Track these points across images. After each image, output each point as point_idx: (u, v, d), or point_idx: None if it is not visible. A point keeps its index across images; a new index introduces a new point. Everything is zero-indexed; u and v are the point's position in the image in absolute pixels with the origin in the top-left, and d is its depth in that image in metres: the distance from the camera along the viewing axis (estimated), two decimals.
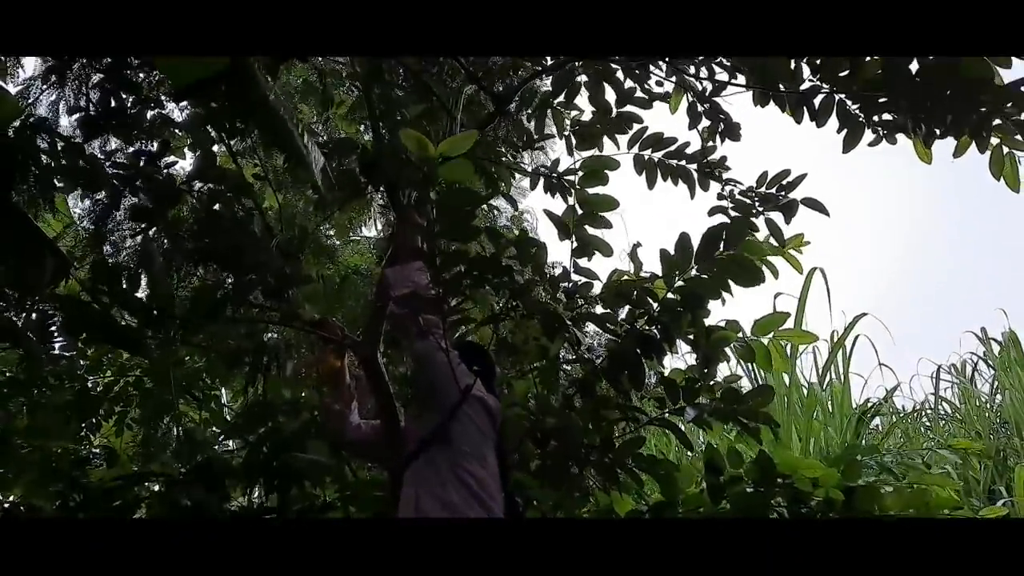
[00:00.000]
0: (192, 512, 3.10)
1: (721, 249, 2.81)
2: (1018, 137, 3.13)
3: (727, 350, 3.04)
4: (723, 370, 3.18)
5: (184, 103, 3.43)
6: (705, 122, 3.72)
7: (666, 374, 3.19)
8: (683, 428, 3.27)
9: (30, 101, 3.36)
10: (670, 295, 2.87)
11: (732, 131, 3.67)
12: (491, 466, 2.57)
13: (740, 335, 3.08)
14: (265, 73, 2.91)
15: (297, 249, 3.21)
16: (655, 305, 2.87)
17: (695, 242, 2.83)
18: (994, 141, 3.15)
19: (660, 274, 2.89)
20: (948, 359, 8.39)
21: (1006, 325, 7.92)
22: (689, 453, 4.94)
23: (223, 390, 5.48)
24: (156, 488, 4.09)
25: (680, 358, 3.32)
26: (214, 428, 5.15)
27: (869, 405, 7.58)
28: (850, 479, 2.98)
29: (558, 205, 3.75)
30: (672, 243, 2.86)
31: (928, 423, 7.94)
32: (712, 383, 3.09)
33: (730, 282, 2.88)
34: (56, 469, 4.21)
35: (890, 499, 2.92)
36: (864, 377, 8.21)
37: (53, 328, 3.32)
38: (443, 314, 2.63)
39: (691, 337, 2.93)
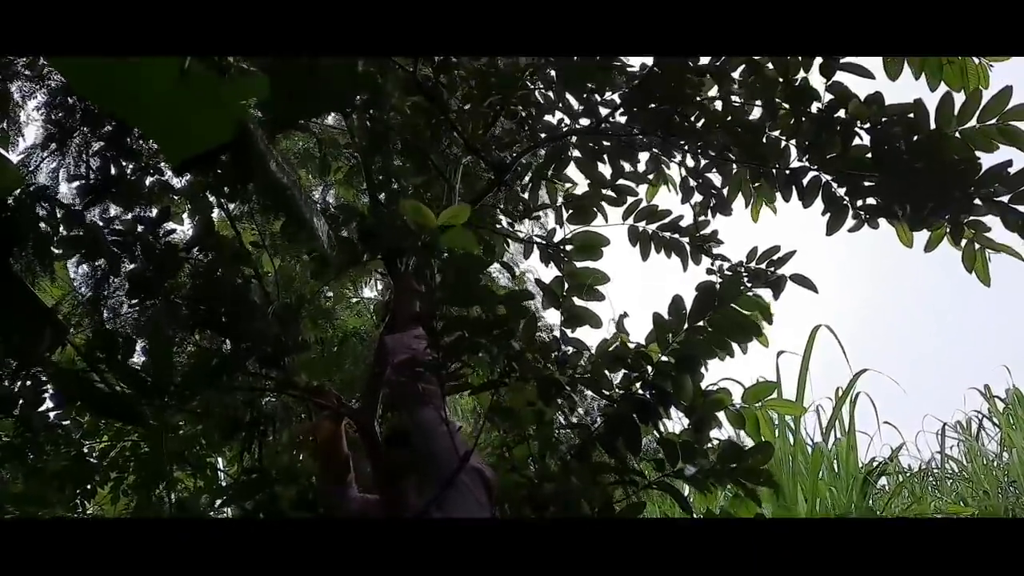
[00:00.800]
0: None
1: (715, 307, 2.81)
2: (989, 235, 3.24)
3: (720, 415, 3.00)
4: (715, 435, 3.14)
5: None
6: (697, 196, 3.76)
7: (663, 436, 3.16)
8: (682, 492, 3.21)
9: (31, 169, 3.40)
10: (664, 358, 2.85)
11: (723, 206, 3.72)
12: None
13: (733, 401, 3.05)
14: (265, 139, 2.94)
15: (294, 315, 3.21)
16: (650, 369, 2.84)
17: (688, 305, 2.83)
18: (968, 234, 3.26)
19: (653, 339, 2.88)
20: (953, 416, 8.31)
21: (1010, 382, 7.87)
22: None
23: (219, 457, 5.40)
24: None
25: (676, 422, 3.29)
26: (207, 496, 5.06)
27: (875, 465, 7.47)
28: None
29: (551, 274, 3.77)
30: (665, 311, 2.86)
31: (935, 482, 7.82)
32: (708, 446, 3.05)
33: (728, 340, 2.88)
34: None
35: None
36: (869, 435, 8.11)
37: (45, 396, 3.30)
38: (442, 381, 2.61)
39: (683, 402, 2.90)
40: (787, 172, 3.32)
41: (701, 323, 2.79)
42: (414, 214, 2.19)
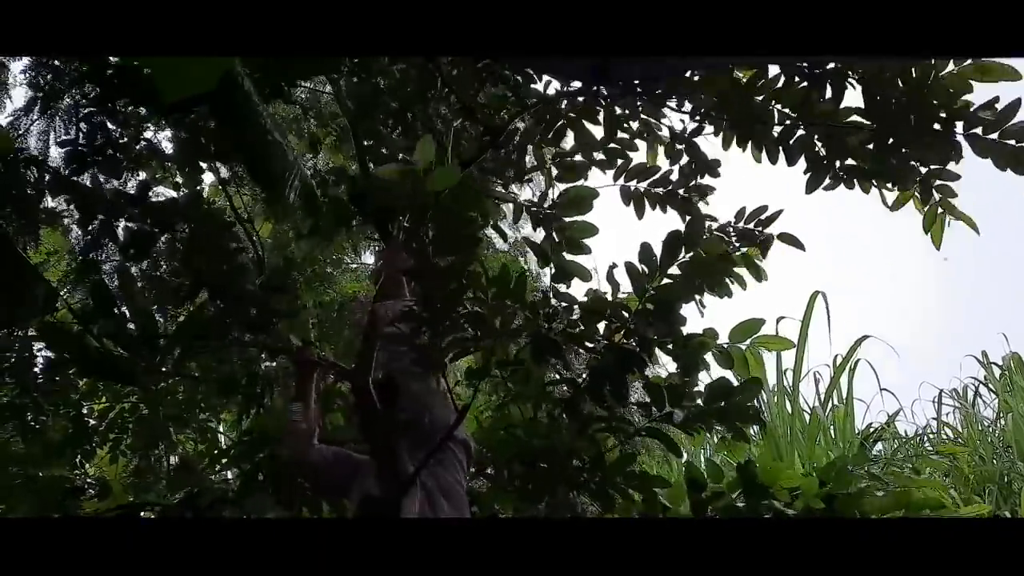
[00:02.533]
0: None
1: (683, 253, 2.81)
2: (953, 201, 3.35)
3: (707, 358, 3.00)
4: (703, 379, 3.14)
5: (170, 132, 3.45)
6: (684, 159, 3.75)
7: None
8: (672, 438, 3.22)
9: (20, 133, 3.39)
10: (643, 306, 2.85)
11: (711, 168, 3.71)
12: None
13: (718, 342, 3.04)
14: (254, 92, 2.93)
15: (284, 280, 3.22)
16: (629, 318, 2.84)
17: (657, 252, 2.82)
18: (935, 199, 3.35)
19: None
20: (950, 383, 8.32)
21: (1007, 349, 7.87)
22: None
23: (218, 420, 5.47)
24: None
25: (663, 368, 3.29)
26: (207, 459, 5.13)
27: (871, 430, 7.50)
28: (841, 488, 2.94)
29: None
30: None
31: (931, 447, 7.85)
32: (696, 388, 3.06)
33: (701, 285, 2.89)
34: (49, 499, 4.19)
35: (872, 503, 2.88)
36: (866, 402, 8.15)
37: (39, 358, 3.33)
38: (434, 344, 2.64)
39: (669, 347, 2.90)
40: (775, 133, 3.30)
41: (674, 270, 2.78)
42: (397, 177, 2.20)
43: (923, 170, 3.28)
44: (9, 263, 3.04)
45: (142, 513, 4.19)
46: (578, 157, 3.71)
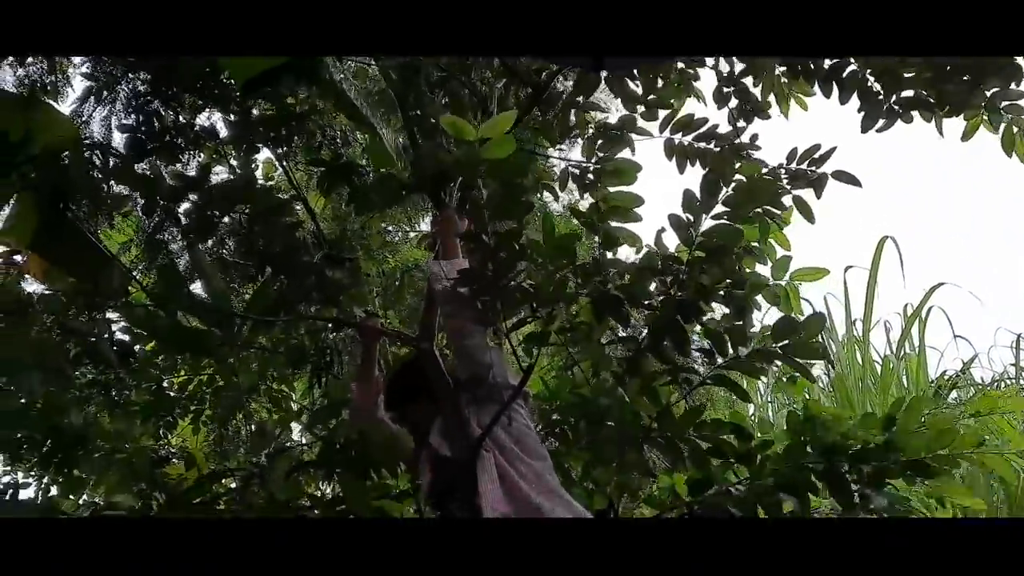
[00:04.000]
0: (268, 508, 3.19)
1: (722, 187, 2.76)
2: None
3: (759, 298, 2.96)
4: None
5: (226, 115, 3.53)
6: (733, 102, 3.65)
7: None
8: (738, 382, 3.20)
9: (82, 120, 3.52)
10: (693, 255, 2.82)
11: (760, 110, 3.61)
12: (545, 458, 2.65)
13: (768, 281, 3.00)
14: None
15: (343, 252, 3.29)
16: (683, 268, 2.82)
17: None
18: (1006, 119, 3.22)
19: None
20: None
21: None
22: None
23: (290, 390, 5.65)
24: (233, 485, 4.24)
25: (716, 313, 3.23)
26: (284, 426, 5.32)
27: (946, 378, 7.30)
28: (911, 423, 2.90)
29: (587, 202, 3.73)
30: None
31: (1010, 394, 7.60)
32: (753, 331, 3.03)
33: (750, 217, 2.84)
34: (136, 469, 4.39)
35: (936, 439, 2.83)
36: (940, 350, 7.91)
37: (116, 336, 3.48)
38: (492, 308, 2.67)
39: (722, 293, 2.86)
40: (826, 67, 3.20)
41: (718, 210, 2.75)
42: (453, 128, 2.22)
43: (988, 93, 3.16)
44: (84, 250, 3.19)
45: (223, 479, 4.35)
46: (620, 113, 3.64)
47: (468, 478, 2.54)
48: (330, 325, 4.36)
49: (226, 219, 3.13)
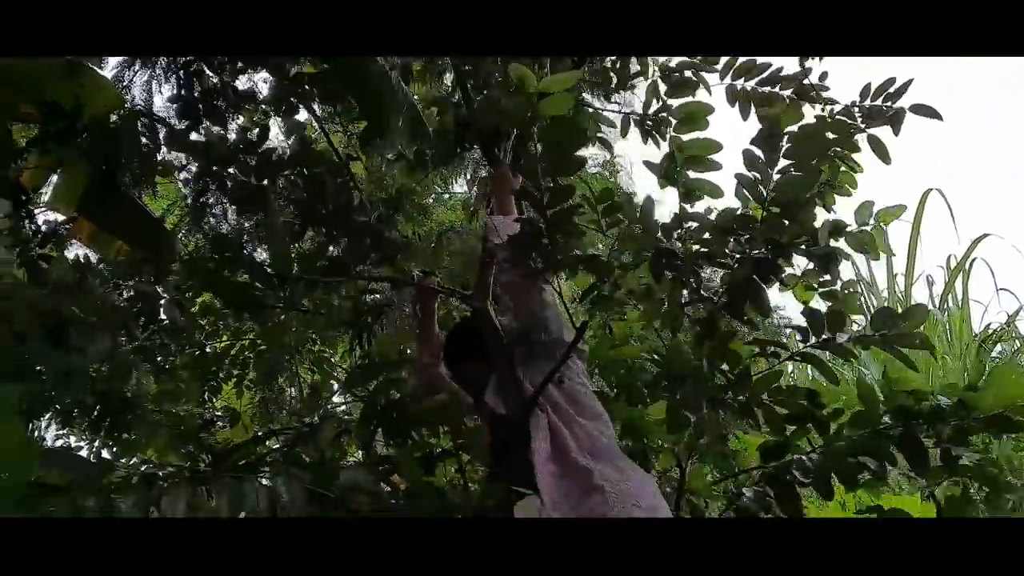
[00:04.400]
0: (313, 465, 3.19)
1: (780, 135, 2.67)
2: None
3: (846, 248, 2.87)
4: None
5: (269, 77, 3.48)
6: None
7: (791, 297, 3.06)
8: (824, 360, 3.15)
9: (124, 85, 3.48)
10: (767, 211, 2.74)
11: None
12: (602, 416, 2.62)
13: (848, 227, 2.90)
14: None
15: (393, 211, 3.26)
16: (758, 224, 2.74)
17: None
18: None
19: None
20: None
21: None
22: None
23: (332, 351, 5.68)
24: (276, 446, 4.27)
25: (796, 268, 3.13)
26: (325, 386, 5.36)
27: (990, 331, 7.19)
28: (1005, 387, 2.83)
29: (648, 151, 3.62)
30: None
31: None
32: (839, 286, 2.95)
33: (817, 164, 2.74)
34: (184, 431, 4.44)
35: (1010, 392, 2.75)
36: (983, 303, 7.80)
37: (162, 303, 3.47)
38: (546, 263, 2.63)
39: (802, 247, 2.78)
40: None
41: (782, 162, 2.66)
42: (519, 78, 2.17)
43: None
44: (132, 214, 3.18)
45: (268, 441, 4.37)
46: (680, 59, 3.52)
47: (522, 437, 2.54)
48: (371, 286, 4.35)
49: (279, 182, 3.09)
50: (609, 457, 2.45)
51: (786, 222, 2.64)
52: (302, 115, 3.72)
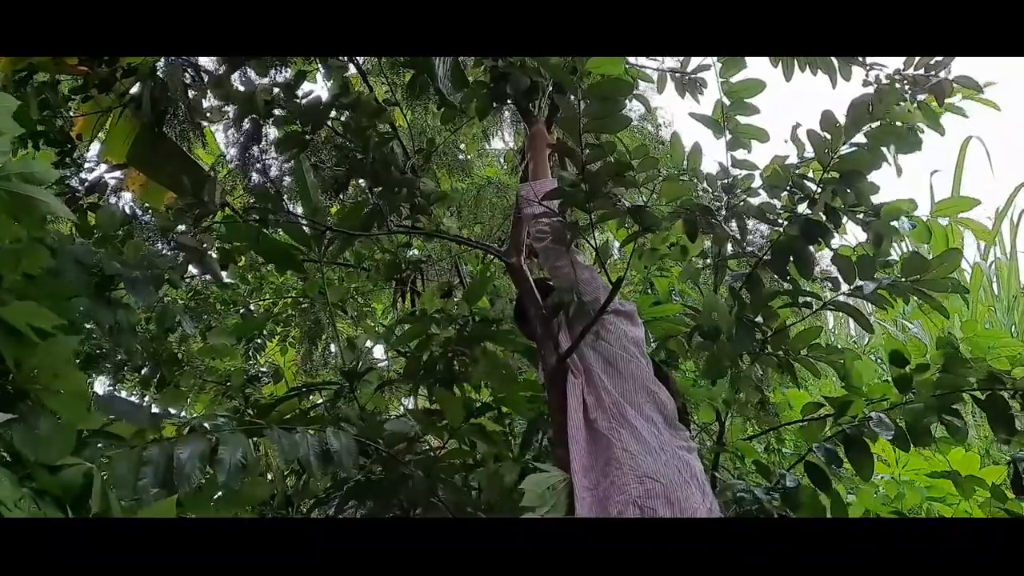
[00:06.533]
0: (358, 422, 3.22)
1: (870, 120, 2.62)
2: None
3: (902, 231, 2.82)
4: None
5: None
6: None
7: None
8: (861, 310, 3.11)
9: None
10: (828, 174, 2.70)
11: None
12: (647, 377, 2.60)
13: (914, 212, 2.84)
14: None
15: (427, 160, 3.24)
16: (814, 188, 2.70)
17: (841, 119, 2.64)
18: None
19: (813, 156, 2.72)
20: None
21: None
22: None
23: (373, 308, 5.73)
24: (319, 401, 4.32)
25: (852, 237, 3.09)
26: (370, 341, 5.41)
27: None
28: None
29: (685, 105, 3.51)
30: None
31: None
32: (887, 259, 2.91)
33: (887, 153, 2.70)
34: (230, 387, 4.52)
35: None
36: None
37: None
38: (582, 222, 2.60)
39: (860, 216, 2.74)
40: None
41: (859, 137, 2.60)
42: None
43: None
44: (181, 165, 3.21)
45: (310, 396, 4.41)
46: None
47: (558, 398, 2.56)
48: (413, 240, 4.35)
49: (321, 133, 3.09)
50: (638, 428, 2.43)
51: (848, 190, 2.59)
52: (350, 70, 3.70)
